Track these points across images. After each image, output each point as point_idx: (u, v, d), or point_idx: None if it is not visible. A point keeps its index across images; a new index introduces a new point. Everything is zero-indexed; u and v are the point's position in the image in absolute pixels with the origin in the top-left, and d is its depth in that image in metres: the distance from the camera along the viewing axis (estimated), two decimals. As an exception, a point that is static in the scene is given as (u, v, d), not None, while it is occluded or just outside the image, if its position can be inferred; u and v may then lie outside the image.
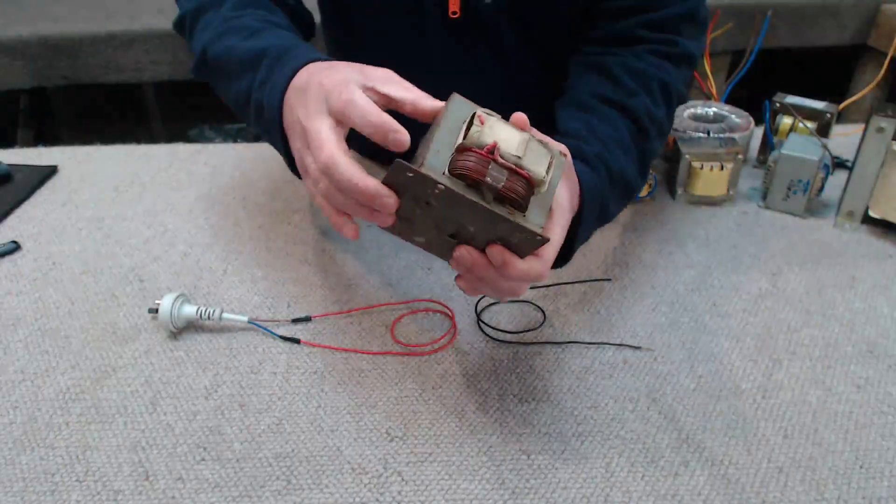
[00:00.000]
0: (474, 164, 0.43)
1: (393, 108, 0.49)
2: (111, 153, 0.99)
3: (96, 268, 0.75)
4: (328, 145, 0.47)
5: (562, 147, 0.50)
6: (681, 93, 0.70)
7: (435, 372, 0.61)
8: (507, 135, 0.44)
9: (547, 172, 0.45)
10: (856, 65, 1.94)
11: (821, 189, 0.84)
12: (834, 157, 0.86)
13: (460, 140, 0.44)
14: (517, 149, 0.44)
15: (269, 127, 0.56)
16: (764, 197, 0.86)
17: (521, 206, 0.44)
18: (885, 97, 1.81)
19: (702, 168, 0.84)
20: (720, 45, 0.71)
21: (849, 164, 0.87)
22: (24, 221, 0.83)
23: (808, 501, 0.51)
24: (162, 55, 1.70)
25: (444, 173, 0.44)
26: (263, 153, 0.97)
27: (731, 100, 0.94)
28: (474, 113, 0.45)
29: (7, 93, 1.71)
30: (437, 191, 0.44)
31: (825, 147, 0.83)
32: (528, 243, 0.46)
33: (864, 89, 1.21)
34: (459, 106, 0.46)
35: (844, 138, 0.98)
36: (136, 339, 0.65)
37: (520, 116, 0.46)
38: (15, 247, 0.78)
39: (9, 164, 0.91)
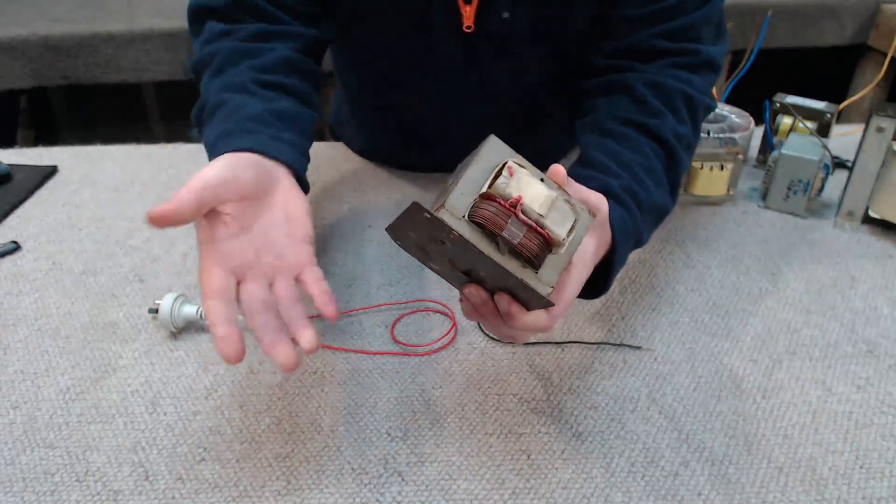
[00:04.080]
0: (493, 215, 0.43)
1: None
2: (111, 153, 0.99)
3: (96, 268, 0.75)
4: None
5: (597, 200, 0.49)
6: (706, 103, 0.67)
7: (435, 372, 0.61)
8: (535, 191, 0.44)
9: (568, 235, 0.45)
10: (856, 65, 1.94)
11: (821, 189, 0.84)
12: (834, 157, 0.86)
13: (485, 188, 0.44)
14: (541, 206, 0.44)
15: None
16: (764, 197, 0.86)
17: (534, 263, 0.44)
18: (885, 97, 1.82)
19: (702, 168, 0.84)
20: (720, 45, 0.71)
21: (849, 164, 0.87)
22: (24, 221, 0.83)
23: (808, 501, 0.51)
24: (162, 55, 1.70)
25: (462, 217, 0.43)
26: (263, 153, 0.97)
27: (731, 100, 0.94)
28: (506, 162, 0.44)
29: (7, 93, 1.70)
30: (451, 236, 0.43)
31: (825, 147, 0.83)
32: (534, 301, 0.46)
33: (864, 89, 1.21)
34: (494, 149, 0.45)
35: (844, 138, 0.98)
36: (136, 339, 0.65)
37: (557, 169, 0.46)
38: (15, 247, 0.78)
39: (9, 164, 0.91)
